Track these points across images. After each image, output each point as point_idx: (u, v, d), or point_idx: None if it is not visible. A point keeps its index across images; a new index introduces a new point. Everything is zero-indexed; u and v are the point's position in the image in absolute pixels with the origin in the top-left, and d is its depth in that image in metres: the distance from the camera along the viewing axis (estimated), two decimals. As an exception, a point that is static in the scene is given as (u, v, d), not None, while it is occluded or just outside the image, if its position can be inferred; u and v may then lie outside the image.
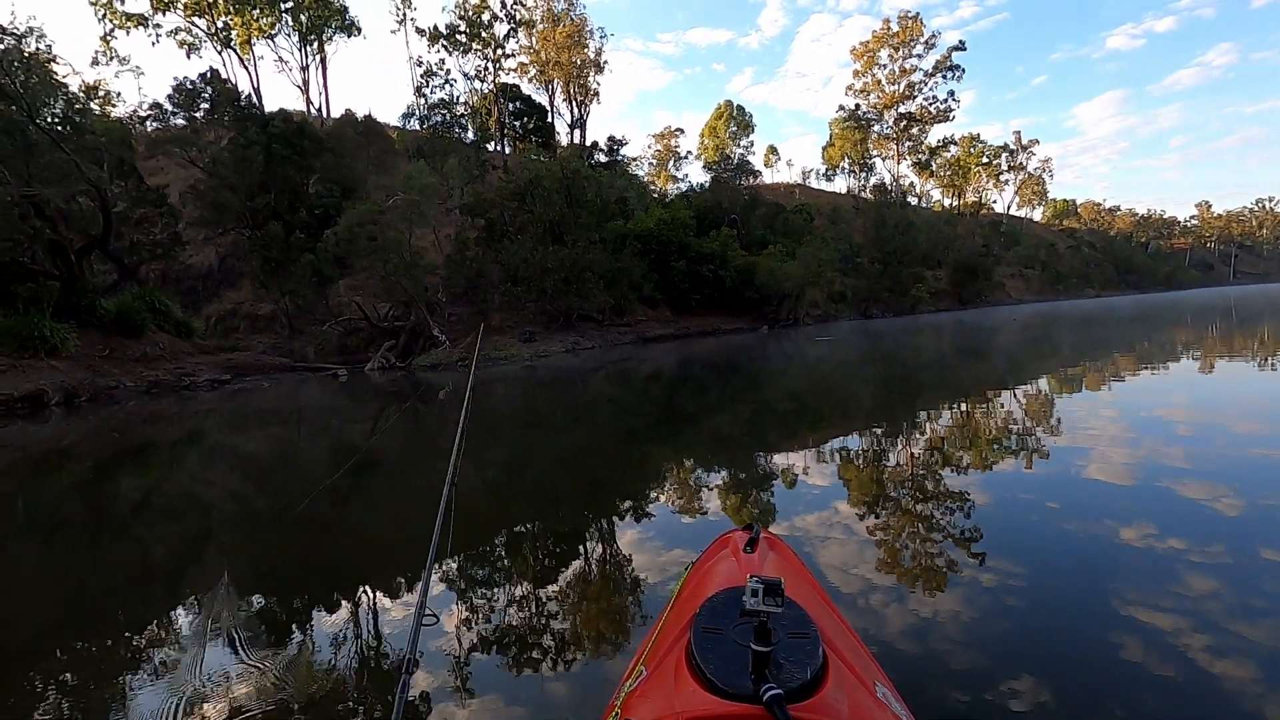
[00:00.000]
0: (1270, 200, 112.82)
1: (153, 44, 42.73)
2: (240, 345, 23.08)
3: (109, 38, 36.31)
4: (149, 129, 30.12)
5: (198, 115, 27.15)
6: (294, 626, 3.41)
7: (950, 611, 2.96)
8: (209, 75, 26.92)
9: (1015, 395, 9.60)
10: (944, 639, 2.72)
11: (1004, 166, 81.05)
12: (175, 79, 26.91)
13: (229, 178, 23.98)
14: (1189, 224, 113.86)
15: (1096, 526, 3.95)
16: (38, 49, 16.45)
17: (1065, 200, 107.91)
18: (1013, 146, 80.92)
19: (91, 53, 44.77)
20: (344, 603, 3.77)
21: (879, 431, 7.67)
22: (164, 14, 38.06)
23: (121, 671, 3.00)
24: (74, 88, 20.28)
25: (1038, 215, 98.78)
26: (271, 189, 24.92)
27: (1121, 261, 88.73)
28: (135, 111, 28.49)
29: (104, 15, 36.24)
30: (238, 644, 3.13)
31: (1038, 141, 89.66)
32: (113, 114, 26.55)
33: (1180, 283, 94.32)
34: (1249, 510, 4.11)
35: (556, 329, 27.12)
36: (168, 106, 26.87)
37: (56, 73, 17.94)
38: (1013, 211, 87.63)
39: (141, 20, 37.68)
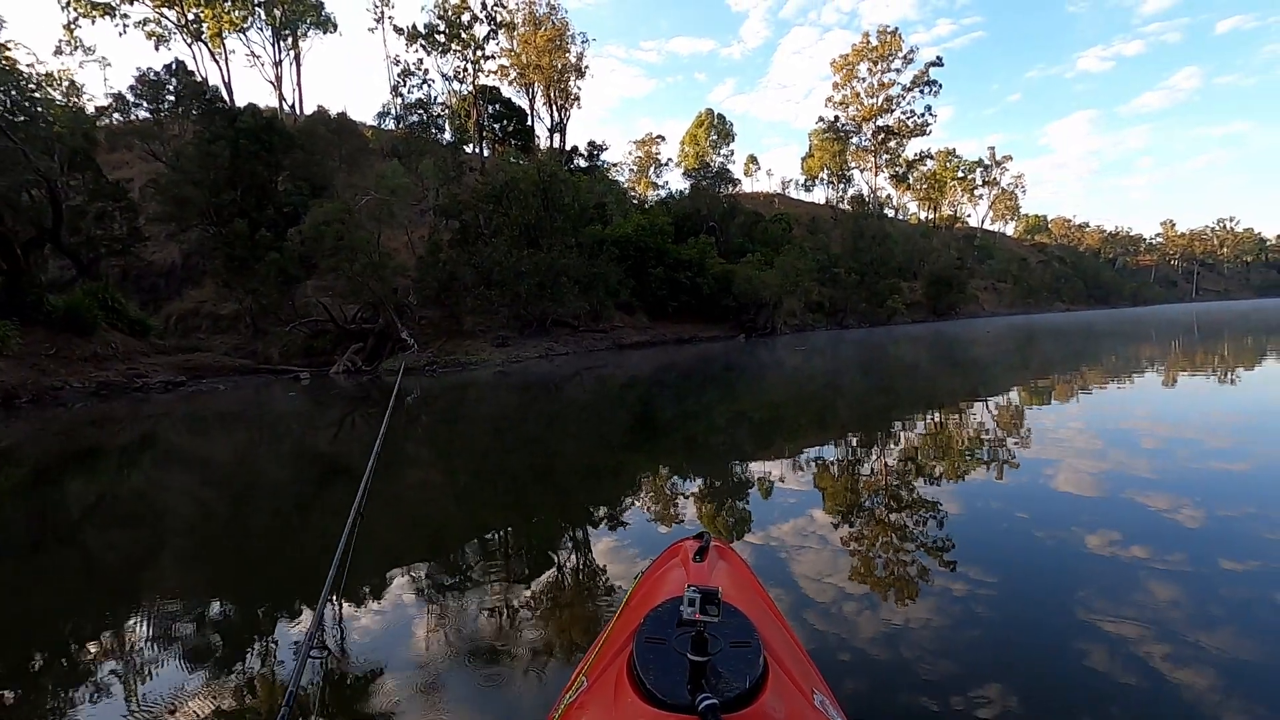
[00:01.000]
0: (1231, 220, 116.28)
1: (120, 34, 41.33)
2: (201, 346, 22.38)
3: (73, 26, 35.26)
4: (112, 121, 29.28)
5: (162, 108, 26.37)
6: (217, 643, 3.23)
7: (921, 619, 2.99)
8: (174, 67, 26.21)
9: (988, 406, 9.68)
10: (914, 647, 2.74)
11: (978, 181, 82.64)
12: (138, 69, 26.16)
13: (193, 172, 23.29)
14: (1154, 241, 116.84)
15: (1064, 535, 4.02)
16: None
17: (1037, 216, 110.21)
18: (987, 162, 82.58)
19: (55, 42, 43.35)
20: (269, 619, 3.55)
21: (854, 441, 7.70)
22: (131, 3, 37.12)
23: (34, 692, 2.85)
24: (34, 77, 19.66)
25: (1010, 230, 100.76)
26: (238, 185, 24.26)
27: (1090, 277, 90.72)
28: (95, 103, 27.69)
29: (68, 3, 35.19)
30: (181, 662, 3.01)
31: (1011, 158, 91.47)
32: (75, 105, 25.69)
33: (1145, 299, 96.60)
34: (1209, 521, 4.19)
35: (531, 334, 26.79)
36: (130, 98, 26.05)
37: (14, 60, 17.31)
38: (986, 226, 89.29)
39: (108, 9, 36.65)
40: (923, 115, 67.54)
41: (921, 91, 66.89)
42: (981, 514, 4.57)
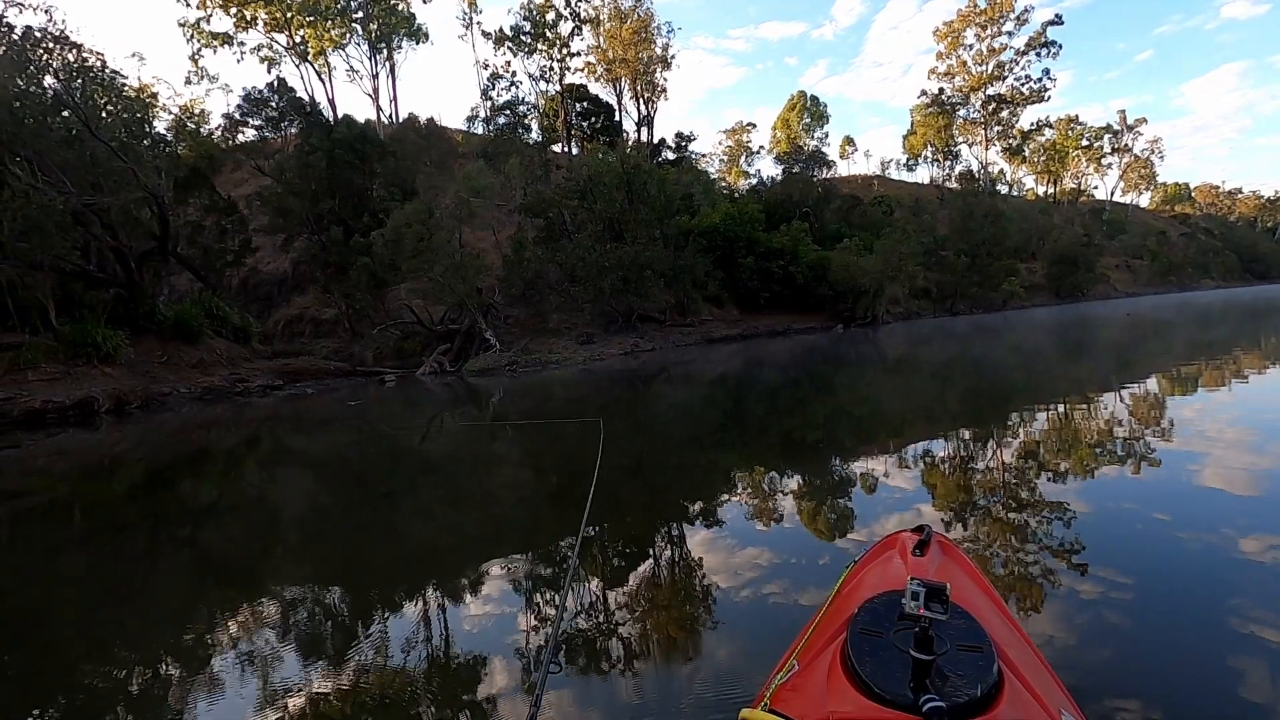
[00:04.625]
0: None
1: (238, 61, 44.93)
2: (304, 349, 23.33)
3: (197, 57, 38.20)
4: (230, 141, 31.34)
5: (266, 124, 27.80)
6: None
7: (1043, 629, 2.69)
8: (276, 84, 27.55)
9: (1121, 397, 8.83)
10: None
11: (1107, 149, 74.48)
12: (244, 89, 27.69)
13: (293, 184, 24.34)
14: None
15: (1213, 537, 3.62)
16: (102, 64, 16.70)
17: (1177, 184, 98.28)
18: (1117, 127, 74.26)
19: (184, 74, 47.33)
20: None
21: (965, 435, 7.21)
22: (246, 31, 39.72)
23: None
24: (174, 108, 21.69)
25: (1145, 201, 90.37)
26: (335, 194, 25.15)
27: (1245, 249, 79.77)
28: (218, 126, 29.62)
29: (191, 36, 38.15)
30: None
31: (1145, 120, 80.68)
32: (204, 130, 27.53)
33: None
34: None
35: (616, 330, 26.16)
36: (238, 117, 27.64)
37: (155, 93, 18.70)
38: (1116, 198, 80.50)
39: (226, 39, 39.47)
40: (1040, 80, 61.52)
41: (1038, 54, 60.77)
42: (1114, 513, 4.18)
